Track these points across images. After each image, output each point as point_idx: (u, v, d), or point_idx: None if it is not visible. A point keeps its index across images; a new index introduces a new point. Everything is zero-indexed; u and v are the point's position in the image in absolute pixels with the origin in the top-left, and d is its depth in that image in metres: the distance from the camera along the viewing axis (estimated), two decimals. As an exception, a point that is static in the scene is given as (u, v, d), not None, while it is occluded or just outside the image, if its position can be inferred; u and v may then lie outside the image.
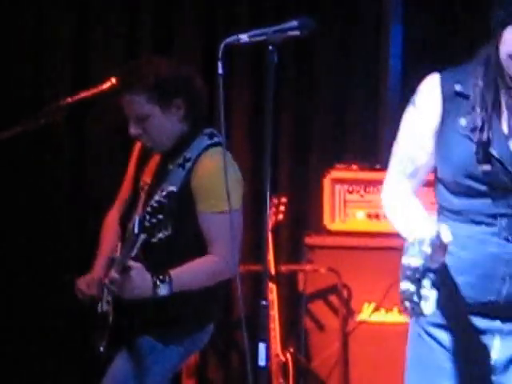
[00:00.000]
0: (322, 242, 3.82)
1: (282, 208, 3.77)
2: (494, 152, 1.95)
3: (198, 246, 2.55)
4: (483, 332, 2.01)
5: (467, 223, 2.01)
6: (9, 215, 3.97)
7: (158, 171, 2.64)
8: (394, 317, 3.69)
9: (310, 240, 3.83)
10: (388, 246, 3.62)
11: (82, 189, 4.06)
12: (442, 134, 2.02)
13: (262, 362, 1.96)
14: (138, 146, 2.74)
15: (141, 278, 2.44)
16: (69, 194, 4.06)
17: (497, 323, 1.99)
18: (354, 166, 3.88)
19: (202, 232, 2.54)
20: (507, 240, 1.97)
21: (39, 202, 4.03)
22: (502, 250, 1.97)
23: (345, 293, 3.76)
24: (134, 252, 2.45)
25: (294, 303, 3.92)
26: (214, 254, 2.53)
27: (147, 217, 2.41)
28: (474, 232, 2.00)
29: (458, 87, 2.00)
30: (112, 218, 2.79)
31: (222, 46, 2.01)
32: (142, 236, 2.42)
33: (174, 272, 2.48)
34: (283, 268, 3.86)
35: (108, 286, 2.51)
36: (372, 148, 4.04)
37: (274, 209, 3.74)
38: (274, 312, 3.67)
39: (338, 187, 3.85)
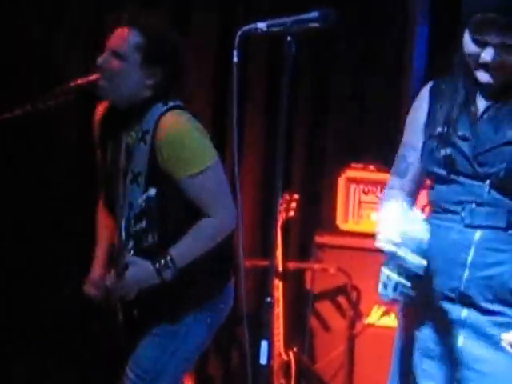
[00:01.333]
0: (332, 241, 3.80)
1: (294, 205, 3.75)
2: (453, 136, 2.02)
3: (191, 215, 2.48)
4: (451, 320, 2.02)
5: (438, 212, 2.07)
6: (11, 203, 3.95)
7: (119, 150, 2.55)
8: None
9: (320, 239, 3.81)
10: None
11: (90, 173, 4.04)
12: None
13: (263, 360, 1.94)
14: (96, 121, 2.65)
15: (141, 271, 2.42)
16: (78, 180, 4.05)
17: (463, 311, 2.01)
18: (371, 167, 3.85)
19: (189, 198, 2.47)
20: (468, 227, 2.01)
21: (46, 188, 4.00)
22: (462, 237, 2.01)
23: (354, 294, 3.74)
24: (129, 253, 2.43)
25: (301, 302, 3.91)
26: (207, 215, 2.47)
27: (132, 222, 2.39)
28: (442, 220, 2.05)
29: (442, 85, 2.10)
30: (102, 212, 2.72)
31: (238, 34, 1.98)
32: (131, 242, 2.41)
33: (174, 250, 2.44)
34: (291, 265, 3.85)
35: (112, 291, 2.49)
36: (392, 149, 4.01)
37: (285, 205, 3.72)
38: (279, 310, 3.66)
39: (353, 187, 3.84)
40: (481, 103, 2.04)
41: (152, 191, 2.41)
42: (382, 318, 3.73)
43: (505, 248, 1.98)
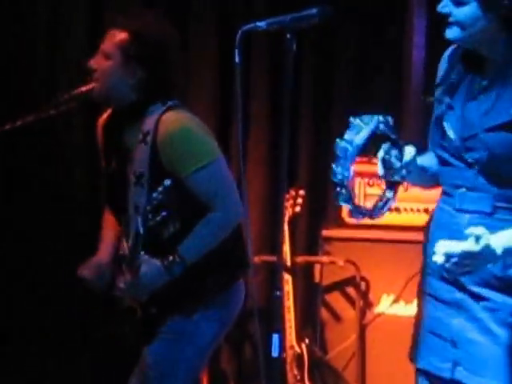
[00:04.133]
0: (339, 234, 3.78)
1: (300, 200, 3.73)
2: (445, 123, 2.03)
3: (202, 210, 2.47)
4: (448, 300, 2.05)
5: (442, 194, 2.11)
6: (15, 206, 3.95)
7: (121, 153, 2.54)
8: (413, 309, 3.64)
9: (327, 232, 3.79)
10: (407, 239, 3.62)
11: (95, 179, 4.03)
12: None
13: (275, 353, 1.94)
14: (99, 130, 2.64)
15: (152, 269, 2.41)
16: (82, 184, 4.03)
17: (457, 294, 2.03)
18: (375, 160, 3.83)
19: (194, 193, 2.45)
20: (458, 211, 2.03)
21: (50, 192, 3.99)
22: (453, 220, 2.03)
23: (363, 285, 3.72)
24: (140, 254, 2.40)
25: (310, 295, 3.90)
26: (212, 209, 2.45)
27: (149, 216, 2.35)
28: (443, 202, 2.09)
29: (459, 50, 2.09)
30: (107, 215, 2.71)
31: (239, 33, 1.98)
32: (146, 239, 2.37)
33: (182, 247, 2.43)
34: (299, 259, 3.82)
35: (125, 290, 2.47)
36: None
37: (291, 201, 3.70)
38: (290, 303, 3.64)
39: (358, 180, 3.82)
40: (477, 82, 2.03)
41: (167, 181, 2.36)
42: (391, 307, 3.70)
43: (490, 232, 1.95)
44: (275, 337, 1.94)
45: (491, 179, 1.99)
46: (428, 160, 2.12)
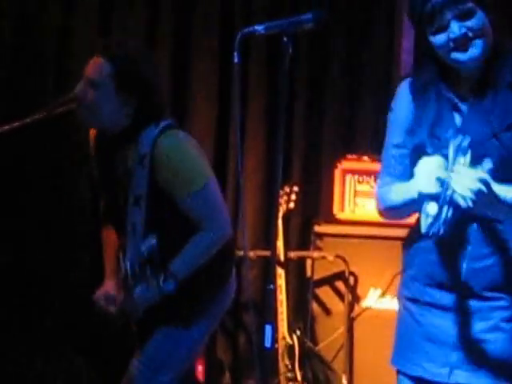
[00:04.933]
0: (330, 230, 3.80)
1: (294, 197, 3.74)
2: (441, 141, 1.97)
3: (189, 229, 2.49)
4: (450, 307, 2.02)
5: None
6: (16, 207, 3.93)
7: (117, 174, 2.55)
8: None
9: (319, 228, 3.81)
10: (395, 235, 3.58)
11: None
12: None
13: (268, 343, 1.96)
14: (91, 141, 2.64)
15: (145, 291, 2.47)
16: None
17: (462, 299, 2.01)
18: (365, 158, 3.86)
19: (186, 213, 2.48)
20: (466, 218, 1.97)
21: (53, 193, 3.99)
22: (461, 230, 1.98)
23: (351, 280, 3.74)
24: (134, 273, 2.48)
25: (302, 288, 3.92)
26: (203, 229, 2.48)
27: (136, 266, 2.43)
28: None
29: (423, 86, 2.03)
30: (106, 228, 2.72)
31: (238, 36, 1.99)
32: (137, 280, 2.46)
33: (173, 266, 2.46)
34: (292, 254, 3.84)
35: (122, 311, 2.53)
36: (383, 140, 4.02)
37: (285, 197, 3.71)
38: (282, 296, 3.64)
39: (348, 177, 3.83)
40: (461, 102, 2.00)
41: (153, 240, 2.45)
42: (378, 301, 3.73)
43: (499, 237, 1.97)
44: (268, 328, 1.95)
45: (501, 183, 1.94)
46: None
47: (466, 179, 1.84)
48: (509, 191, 1.92)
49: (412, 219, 2.19)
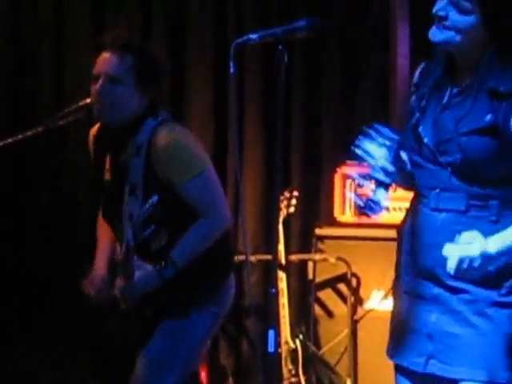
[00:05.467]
0: (331, 232, 3.81)
1: (294, 201, 3.75)
2: (420, 128, 2.06)
3: (191, 216, 2.50)
4: (425, 296, 2.07)
5: (416, 196, 2.13)
6: (26, 215, 3.96)
7: (115, 165, 2.57)
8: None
9: (320, 231, 3.81)
10: (395, 236, 3.64)
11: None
12: None
13: (271, 348, 1.96)
14: (91, 143, 2.67)
15: (146, 274, 2.46)
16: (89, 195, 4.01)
17: (434, 289, 2.06)
18: (364, 163, 3.85)
19: (186, 201, 2.49)
20: (434, 210, 2.05)
21: (59, 201, 4.01)
22: (429, 219, 2.06)
23: (354, 282, 3.74)
24: (134, 259, 2.45)
25: (304, 292, 3.91)
26: (202, 216, 2.49)
27: (139, 229, 2.42)
28: (418, 203, 2.11)
29: (431, 66, 2.13)
30: (101, 224, 2.73)
31: (233, 45, 1.99)
32: (137, 249, 2.44)
33: (173, 252, 2.47)
34: (294, 257, 3.85)
35: (119, 295, 2.51)
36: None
37: (285, 202, 3.72)
38: (284, 300, 3.65)
39: (348, 182, 3.84)
40: (448, 90, 2.06)
41: (155, 198, 2.43)
42: (381, 303, 3.72)
43: (465, 230, 2.00)
44: (271, 332, 1.95)
45: (464, 179, 2.02)
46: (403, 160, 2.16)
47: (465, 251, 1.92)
48: (503, 239, 1.97)
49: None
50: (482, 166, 2.00)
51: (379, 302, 3.73)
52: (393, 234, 3.62)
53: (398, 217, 3.87)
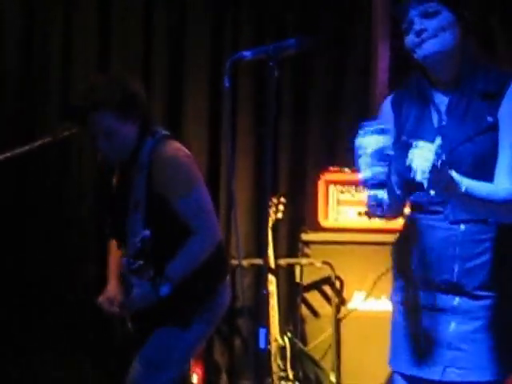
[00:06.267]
0: (316, 237, 3.84)
1: (281, 207, 3.78)
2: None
3: (183, 233, 2.53)
4: (444, 308, 2.04)
5: (424, 213, 2.05)
6: (26, 215, 3.93)
7: (122, 185, 2.63)
8: (382, 305, 3.72)
9: (305, 236, 3.86)
10: (377, 241, 3.68)
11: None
12: None
13: (262, 345, 1.99)
14: (99, 159, 2.68)
15: (142, 291, 2.50)
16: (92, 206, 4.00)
17: (455, 300, 2.03)
18: (346, 169, 3.91)
19: (179, 217, 2.52)
20: (453, 223, 2.01)
21: (62, 210, 4.00)
22: (449, 233, 2.01)
23: (337, 284, 3.77)
24: (133, 276, 2.51)
25: (292, 293, 3.94)
26: (194, 232, 2.52)
27: (131, 261, 2.47)
28: (429, 219, 2.04)
29: (403, 95, 2.10)
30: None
31: (227, 62, 2.03)
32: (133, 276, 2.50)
33: (168, 269, 2.50)
34: (282, 262, 3.87)
35: (121, 308, 2.57)
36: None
37: (274, 208, 3.76)
38: (274, 301, 3.66)
39: (331, 188, 3.87)
40: (440, 104, 2.03)
41: (147, 232, 2.47)
42: (363, 303, 3.76)
43: (486, 237, 2.00)
44: (262, 331, 1.98)
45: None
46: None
47: (425, 152, 1.82)
48: (481, 186, 1.92)
49: (395, 224, 2.26)
50: (489, 168, 1.95)
51: (361, 303, 3.79)
52: (373, 238, 3.71)
53: (377, 222, 3.91)
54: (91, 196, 3.98)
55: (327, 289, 3.81)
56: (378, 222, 3.81)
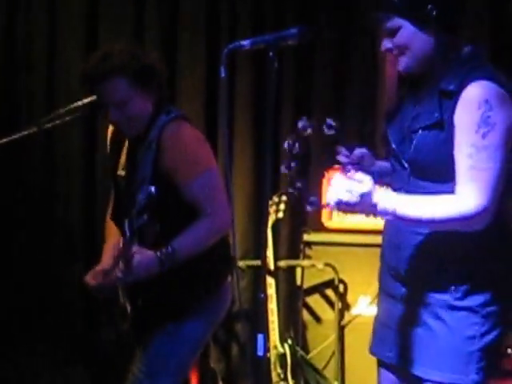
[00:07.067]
0: (319, 238, 3.83)
1: (282, 206, 3.76)
2: (389, 131, 2.13)
3: (189, 213, 2.50)
4: (395, 295, 2.14)
5: None
6: (25, 215, 3.96)
7: (130, 159, 2.59)
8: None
9: (308, 237, 3.84)
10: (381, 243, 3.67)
11: (94, 188, 4.04)
12: None
13: (260, 352, 1.96)
14: (108, 137, 2.68)
15: (146, 258, 2.43)
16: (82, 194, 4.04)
17: (402, 288, 2.12)
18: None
19: (189, 199, 2.50)
20: None
21: (52, 200, 4.03)
22: (395, 221, 2.06)
23: (341, 287, 3.76)
24: (134, 246, 2.44)
25: (292, 297, 3.93)
26: (204, 214, 2.49)
27: (134, 218, 2.41)
28: None
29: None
30: (109, 220, 2.75)
31: (225, 51, 1.99)
32: (135, 238, 2.42)
33: (174, 241, 2.46)
34: (282, 263, 3.87)
35: (119, 277, 2.49)
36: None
37: (274, 207, 3.74)
38: (273, 305, 3.66)
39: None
40: (408, 97, 2.14)
41: (152, 188, 2.41)
42: (369, 308, 3.73)
43: (423, 231, 2.05)
44: (260, 337, 1.95)
45: (420, 178, 2.05)
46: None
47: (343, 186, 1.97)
48: (409, 202, 1.99)
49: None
50: (433, 163, 2.01)
51: (366, 308, 3.75)
52: (378, 239, 3.66)
53: (382, 223, 3.91)
54: (79, 195, 4.00)
55: (330, 293, 3.79)
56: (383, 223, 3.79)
